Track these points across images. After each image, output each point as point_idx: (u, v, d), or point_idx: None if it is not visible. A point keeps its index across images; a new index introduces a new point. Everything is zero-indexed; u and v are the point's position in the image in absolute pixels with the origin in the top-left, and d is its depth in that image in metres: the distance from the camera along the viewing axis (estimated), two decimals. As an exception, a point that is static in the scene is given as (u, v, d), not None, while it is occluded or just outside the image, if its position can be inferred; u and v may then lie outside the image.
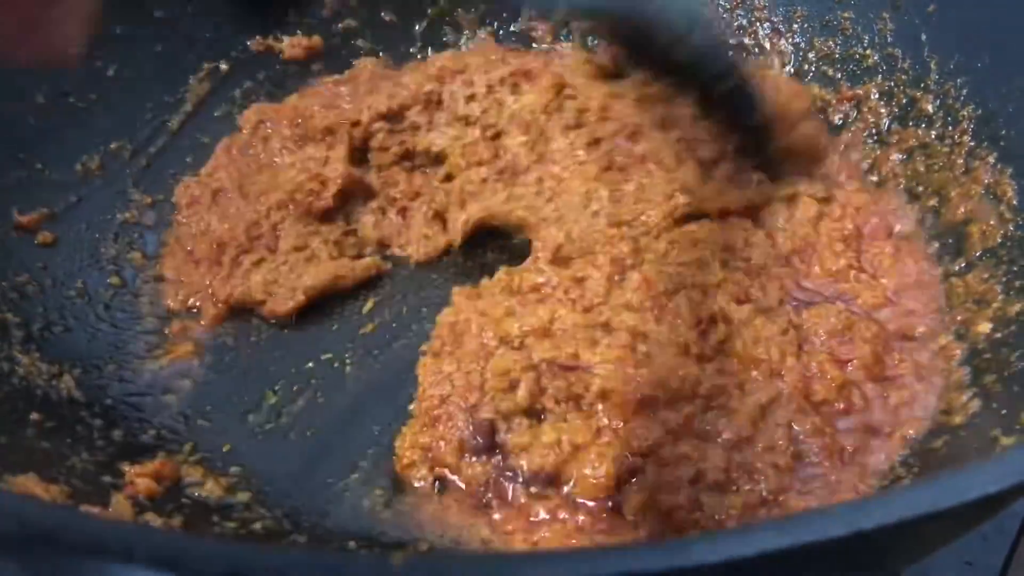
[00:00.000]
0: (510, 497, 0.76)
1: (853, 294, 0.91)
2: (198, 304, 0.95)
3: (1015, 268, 0.86)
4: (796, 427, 0.79)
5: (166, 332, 0.93)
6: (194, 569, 0.41)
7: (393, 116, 1.05)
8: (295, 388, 0.88)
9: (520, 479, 0.77)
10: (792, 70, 1.12)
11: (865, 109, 1.05)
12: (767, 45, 1.14)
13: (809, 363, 0.84)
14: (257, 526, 0.76)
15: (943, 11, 1.00)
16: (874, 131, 1.04)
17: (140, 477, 0.77)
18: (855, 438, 0.79)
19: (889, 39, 1.05)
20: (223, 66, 1.13)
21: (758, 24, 1.14)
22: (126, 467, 0.78)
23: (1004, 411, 0.74)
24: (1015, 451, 0.61)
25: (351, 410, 0.87)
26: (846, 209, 0.98)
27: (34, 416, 0.79)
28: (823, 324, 0.87)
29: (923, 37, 1.01)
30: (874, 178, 1.02)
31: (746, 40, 1.15)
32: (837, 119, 1.07)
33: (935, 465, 0.74)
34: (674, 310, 0.84)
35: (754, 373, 0.83)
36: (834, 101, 1.08)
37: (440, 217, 1.01)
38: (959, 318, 0.88)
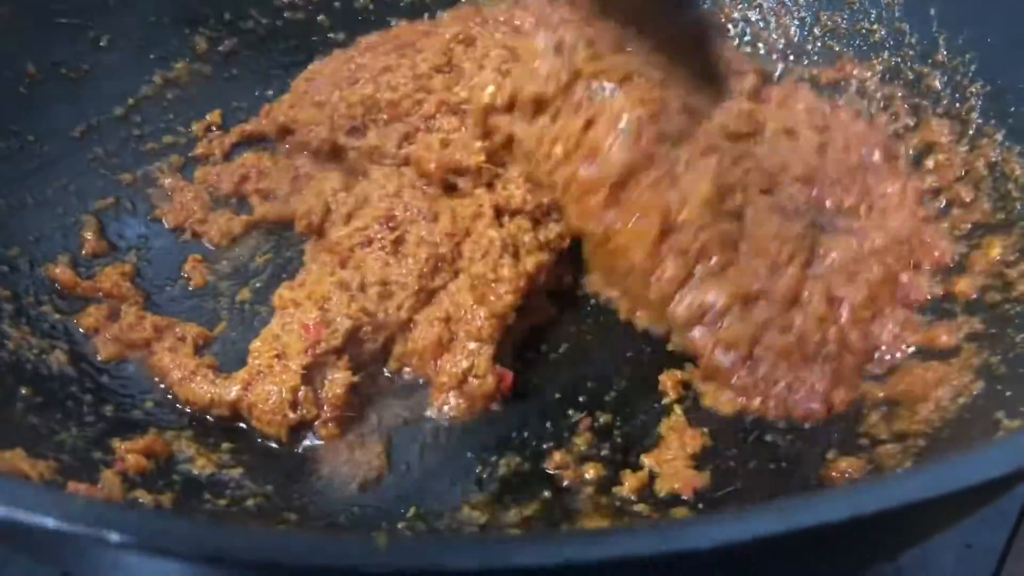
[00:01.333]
0: None
1: (864, 233, 0.91)
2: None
3: (1021, 248, 0.85)
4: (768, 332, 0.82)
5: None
6: (178, 551, 0.41)
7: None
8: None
9: None
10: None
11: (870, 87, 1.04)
12: (772, 19, 1.12)
13: (804, 282, 0.85)
14: (249, 503, 0.75)
15: (952, -16, 0.98)
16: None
17: (131, 453, 0.76)
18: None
19: (897, 13, 1.03)
20: (219, 39, 1.11)
21: (763, -4, 1.13)
22: (117, 443, 0.77)
23: (1008, 393, 0.73)
24: (1017, 435, 0.60)
25: None
26: (848, 139, 0.98)
27: (23, 391, 0.78)
28: (833, 253, 0.87)
29: (932, 11, 1.00)
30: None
31: (751, 14, 1.13)
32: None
33: (937, 446, 0.73)
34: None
35: (755, 262, 0.84)
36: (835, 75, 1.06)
37: None
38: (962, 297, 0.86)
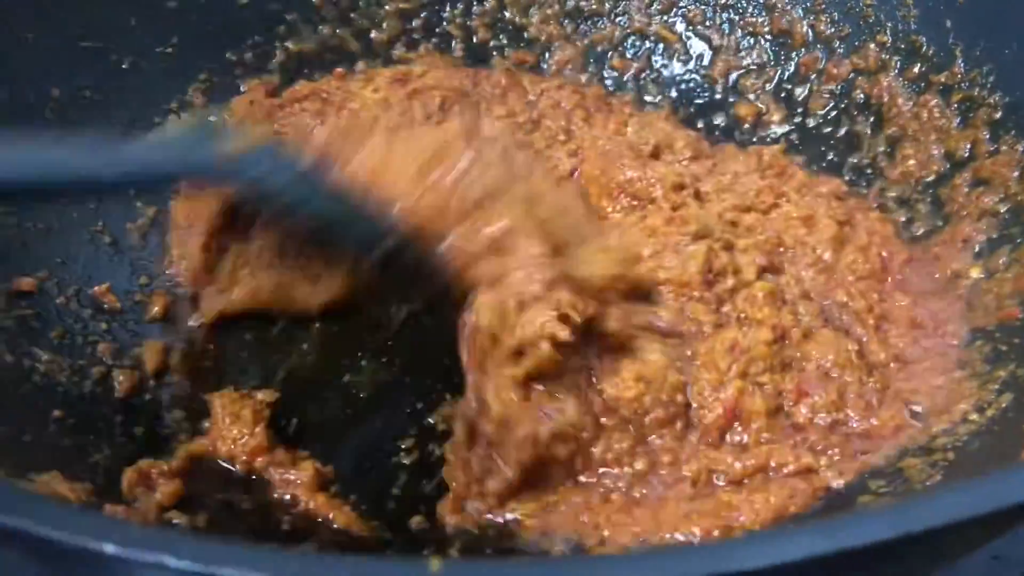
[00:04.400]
0: None
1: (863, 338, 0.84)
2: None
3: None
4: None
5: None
6: None
7: None
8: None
9: None
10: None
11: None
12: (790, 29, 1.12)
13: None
14: (283, 520, 0.75)
15: (968, -4, 0.99)
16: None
17: (164, 476, 0.76)
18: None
19: (913, 26, 1.04)
20: (242, 62, 1.12)
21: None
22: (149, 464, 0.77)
23: (1038, 406, 0.73)
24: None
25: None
26: (872, 237, 0.92)
27: (56, 413, 0.79)
28: (820, 351, 0.81)
29: (948, 24, 1.00)
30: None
31: (766, 29, 1.13)
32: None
33: (968, 460, 0.73)
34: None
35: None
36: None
37: None
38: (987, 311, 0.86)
